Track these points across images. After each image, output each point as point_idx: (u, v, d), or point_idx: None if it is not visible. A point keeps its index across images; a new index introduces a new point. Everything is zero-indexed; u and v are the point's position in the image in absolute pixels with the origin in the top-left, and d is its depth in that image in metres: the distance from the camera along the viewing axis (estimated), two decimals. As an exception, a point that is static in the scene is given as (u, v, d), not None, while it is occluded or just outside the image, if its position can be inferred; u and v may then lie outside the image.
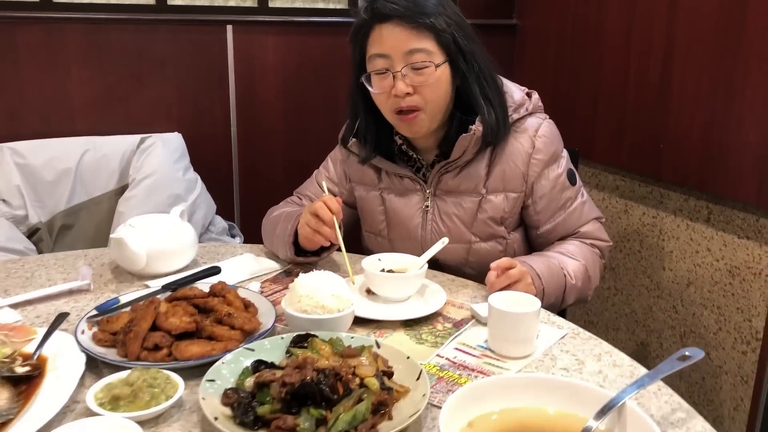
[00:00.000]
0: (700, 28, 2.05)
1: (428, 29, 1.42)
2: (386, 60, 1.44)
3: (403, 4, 1.42)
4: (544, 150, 1.53)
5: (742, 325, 2.08)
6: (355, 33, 1.51)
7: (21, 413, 0.96)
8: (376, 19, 1.44)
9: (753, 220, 2.01)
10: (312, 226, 1.43)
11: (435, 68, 1.43)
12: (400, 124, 1.49)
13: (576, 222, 1.58)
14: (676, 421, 1.01)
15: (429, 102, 1.45)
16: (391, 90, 1.44)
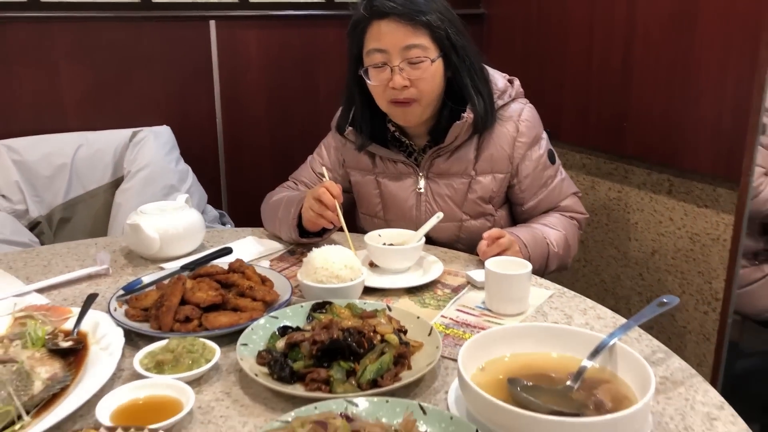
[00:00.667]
0: (658, 14, 2.19)
1: (424, 26, 1.52)
2: (384, 54, 1.53)
3: (401, 2, 1.51)
4: (527, 133, 1.66)
5: (703, 287, 2.25)
6: (353, 28, 1.59)
7: (75, 380, 1.05)
8: (375, 15, 1.53)
9: (710, 190, 2.17)
10: (316, 210, 1.53)
11: (430, 63, 1.53)
12: (396, 113, 1.60)
13: (557, 197, 1.72)
14: (657, 360, 1.16)
15: (424, 94, 1.55)
16: (389, 83, 1.54)
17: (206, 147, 2.56)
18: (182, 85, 2.48)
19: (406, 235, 1.55)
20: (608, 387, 0.98)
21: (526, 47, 2.78)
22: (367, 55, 1.57)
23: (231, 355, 1.16)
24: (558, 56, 2.62)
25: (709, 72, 2.06)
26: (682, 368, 1.13)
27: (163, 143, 2.30)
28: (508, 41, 2.88)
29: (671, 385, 1.07)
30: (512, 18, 2.85)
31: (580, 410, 0.93)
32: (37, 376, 1.00)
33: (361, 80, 1.61)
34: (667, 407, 1.01)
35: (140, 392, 0.99)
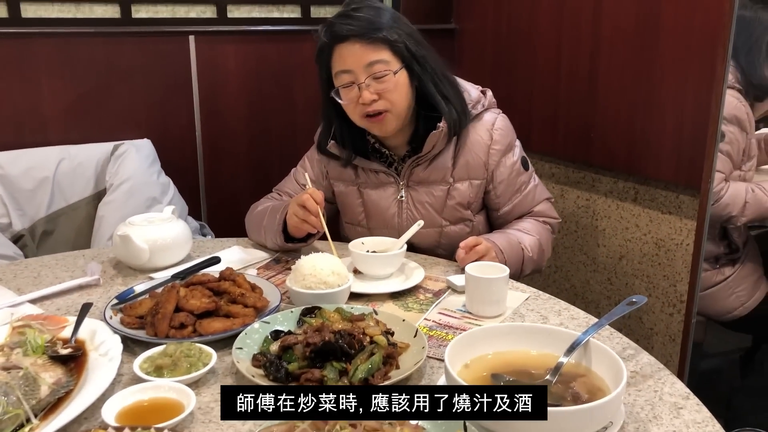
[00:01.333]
0: (622, 28, 2.30)
1: (382, 42, 1.61)
2: (350, 74, 1.62)
3: (357, 24, 1.61)
4: (501, 141, 1.75)
5: (668, 290, 2.35)
6: (318, 54, 1.69)
7: (78, 385, 1.09)
8: (335, 40, 1.63)
9: (673, 197, 2.28)
10: (300, 216, 1.59)
11: (393, 74, 1.62)
12: (371, 126, 1.68)
13: (530, 203, 1.80)
14: (627, 356, 1.24)
15: (393, 104, 1.64)
16: (359, 99, 1.63)
17: (186, 159, 2.60)
18: (162, 98, 2.51)
19: (388, 243, 1.61)
20: (584, 380, 1.06)
21: (496, 60, 2.87)
22: (335, 77, 1.66)
23: (226, 358, 1.21)
24: (527, 69, 2.71)
25: (670, 84, 2.16)
26: (651, 363, 1.21)
27: (145, 156, 2.33)
28: (478, 55, 2.97)
29: (641, 379, 1.15)
30: (482, 32, 2.94)
31: (559, 402, 1.00)
32: (43, 381, 1.04)
33: (335, 100, 1.69)
34: (638, 398, 1.09)
35: (144, 394, 1.04)
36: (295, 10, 2.74)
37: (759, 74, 2.18)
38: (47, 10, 2.31)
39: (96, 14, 2.38)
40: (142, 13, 2.45)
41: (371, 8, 1.65)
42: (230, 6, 2.61)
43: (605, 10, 2.35)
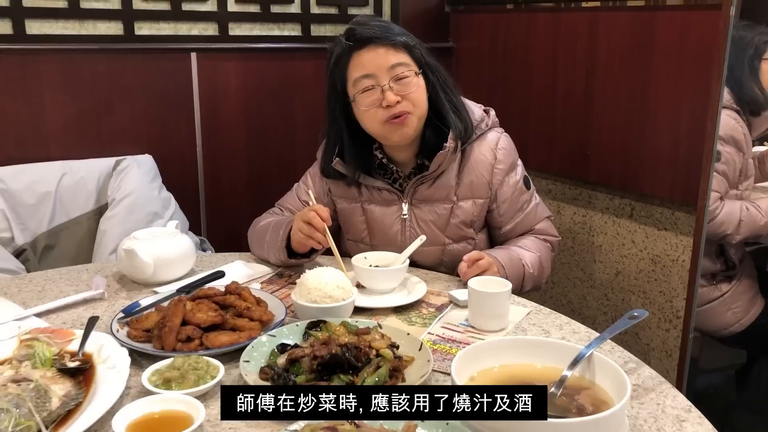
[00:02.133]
0: (617, 48, 2.34)
1: (402, 46, 1.66)
2: (372, 78, 1.64)
3: (378, 28, 1.65)
4: (504, 160, 1.78)
5: (664, 306, 2.37)
6: (336, 62, 1.70)
7: (87, 397, 1.10)
8: (357, 45, 1.65)
9: (669, 214, 2.31)
10: (305, 232, 1.61)
11: (415, 75, 1.66)
12: (392, 130, 1.67)
13: (531, 221, 1.83)
14: (629, 369, 1.26)
15: (416, 105, 1.66)
16: (381, 103, 1.63)
17: (187, 175, 2.62)
18: (164, 114, 2.54)
19: (391, 258, 1.63)
20: (588, 393, 1.07)
21: (493, 79, 2.91)
22: (354, 84, 1.67)
23: (232, 371, 1.22)
24: (524, 87, 2.75)
25: (665, 103, 2.20)
26: (652, 376, 1.23)
27: (146, 171, 2.35)
28: (475, 73, 3.00)
29: (643, 392, 1.17)
30: (479, 51, 2.98)
31: (564, 414, 1.01)
32: (54, 393, 1.05)
33: (346, 115, 1.71)
34: (641, 411, 1.11)
35: (154, 407, 1.05)
36: (296, 28, 2.78)
37: (747, 90, 2.23)
38: (51, 27, 2.33)
39: (99, 31, 2.40)
40: (145, 30, 2.48)
41: (384, 20, 1.75)
42: (232, 24, 2.64)
43: (601, 29, 2.39)
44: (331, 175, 1.81)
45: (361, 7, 2.89)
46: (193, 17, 2.56)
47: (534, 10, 2.66)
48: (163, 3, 2.50)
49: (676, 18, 2.12)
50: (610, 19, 2.35)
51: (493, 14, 2.87)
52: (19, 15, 2.27)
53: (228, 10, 2.62)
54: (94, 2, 2.39)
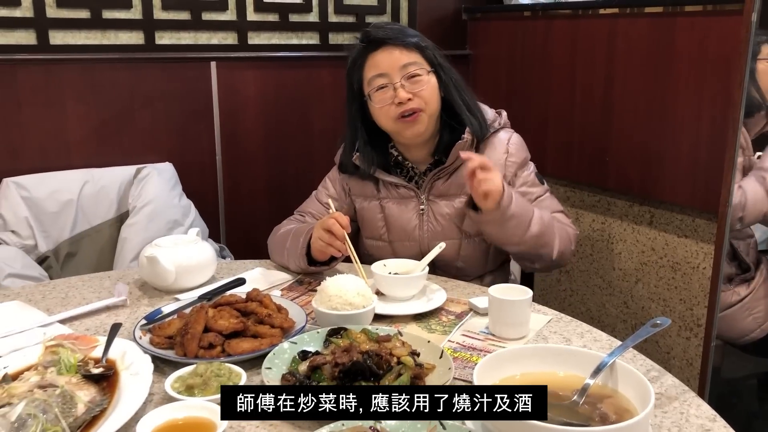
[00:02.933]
0: (636, 55, 2.33)
1: (414, 47, 1.73)
2: (385, 77, 1.71)
3: (391, 31, 1.73)
4: (516, 155, 1.83)
5: (685, 314, 2.35)
6: (352, 64, 1.78)
7: (111, 403, 1.11)
8: (371, 46, 1.73)
9: (689, 221, 2.29)
10: (325, 240, 1.62)
11: (427, 74, 1.72)
12: (404, 127, 1.73)
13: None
14: (652, 377, 1.25)
15: (427, 103, 1.72)
16: (393, 100, 1.70)
17: (206, 183, 2.64)
18: (184, 123, 2.56)
19: (410, 265, 1.63)
20: (611, 401, 1.07)
21: (510, 85, 2.91)
22: (368, 83, 1.74)
23: (254, 378, 1.23)
24: (542, 94, 2.75)
25: (685, 109, 2.19)
26: (675, 385, 1.22)
27: (167, 179, 2.37)
28: (493, 80, 3.01)
29: (666, 400, 1.16)
30: (497, 58, 2.98)
31: (587, 422, 1.01)
32: (79, 399, 1.06)
33: (363, 113, 1.78)
34: (665, 420, 1.10)
35: (178, 413, 1.05)
36: (314, 37, 2.80)
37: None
38: (74, 37, 2.37)
39: (121, 41, 2.43)
40: (165, 40, 2.51)
41: (399, 24, 1.82)
42: (251, 33, 2.67)
43: (619, 36, 2.38)
44: (348, 170, 1.87)
45: (379, 15, 2.91)
46: (213, 26, 2.59)
47: (552, 17, 2.66)
48: (183, 13, 2.53)
49: (695, 24, 2.12)
50: (628, 25, 2.35)
51: (511, 21, 2.88)
52: (43, 26, 2.31)
53: (247, 20, 2.65)
54: (116, 12, 2.42)
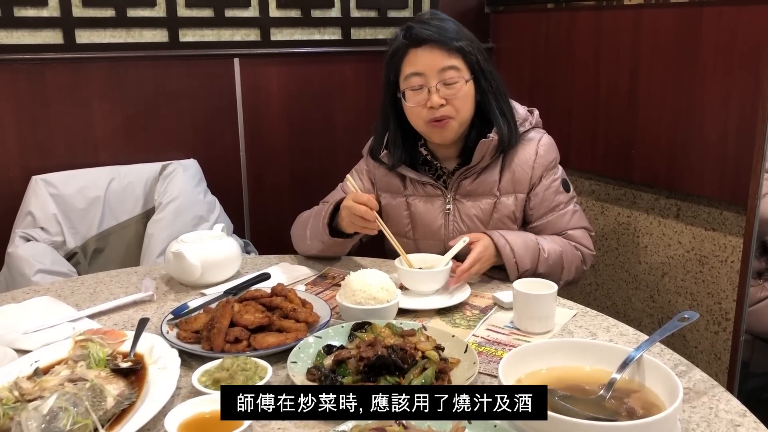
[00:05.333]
0: (662, 45, 2.30)
1: (457, 51, 1.68)
2: (421, 77, 1.67)
3: (436, 30, 1.67)
4: (545, 156, 1.79)
5: (713, 308, 2.32)
6: (391, 56, 1.74)
7: (140, 397, 1.13)
8: (412, 43, 1.69)
9: (717, 214, 2.26)
10: (359, 224, 1.63)
11: (464, 83, 1.68)
12: (433, 131, 1.71)
13: (564, 225, 1.79)
14: (679, 372, 1.23)
15: (459, 111, 1.69)
16: (426, 103, 1.67)
17: (230, 179, 2.67)
18: (208, 119, 2.59)
19: (434, 259, 1.63)
20: (638, 396, 1.06)
21: (534, 79, 2.89)
22: (405, 80, 1.70)
23: (279, 372, 1.24)
24: (566, 87, 2.73)
25: (712, 101, 2.16)
26: (704, 379, 1.20)
27: (192, 176, 2.40)
28: (516, 73, 2.99)
29: (695, 395, 1.15)
30: (520, 51, 2.96)
31: (614, 417, 1.00)
32: (108, 392, 1.08)
33: (396, 106, 1.75)
34: (693, 415, 1.09)
35: (205, 407, 1.06)
36: (336, 32, 2.80)
37: None
38: (100, 36, 2.40)
39: (145, 39, 2.46)
40: (189, 37, 2.53)
41: (448, 20, 1.73)
42: (273, 29, 2.68)
43: (645, 27, 2.35)
44: (378, 158, 1.84)
45: (401, 9, 2.90)
46: (236, 23, 2.61)
47: (575, 8, 2.63)
48: (206, 10, 2.55)
49: (723, 14, 2.08)
50: (654, 16, 2.32)
51: (534, 14, 2.85)
52: (70, 25, 2.35)
53: (270, 16, 2.66)
54: (140, 11, 2.45)
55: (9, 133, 2.31)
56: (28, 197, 2.23)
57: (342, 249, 1.80)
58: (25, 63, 2.29)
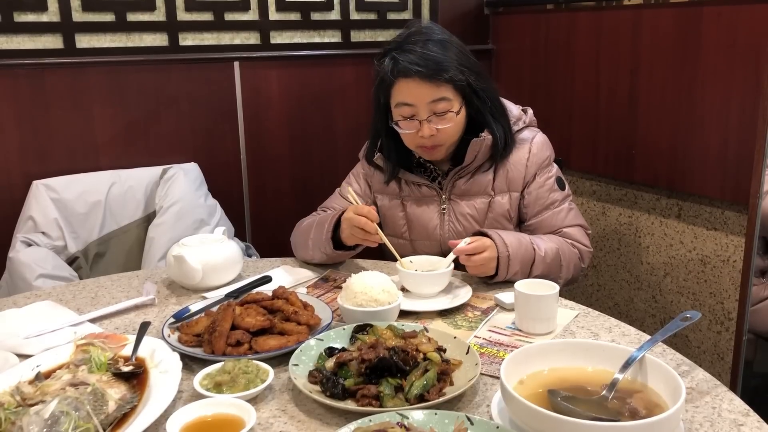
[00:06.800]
0: (662, 46, 2.30)
1: (446, 82, 1.64)
2: (412, 108, 1.66)
3: (424, 64, 1.62)
4: (539, 154, 1.79)
5: (715, 307, 2.32)
6: (380, 83, 1.71)
7: (141, 401, 1.13)
8: (400, 75, 1.65)
9: (719, 213, 2.26)
10: (360, 236, 1.63)
11: (455, 114, 1.67)
12: (423, 152, 1.75)
13: (560, 222, 1.78)
14: (682, 372, 1.23)
15: (449, 137, 1.70)
16: (417, 132, 1.67)
17: (231, 182, 2.67)
18: (208, 123, 2.59)
19: (435, 261, 1.63)
20: (641, 396, 1.06)
21: (534, 80, 2.89)
22: (395, 107, 1.70)
23: (281, 375, 1.23)
24: (566, 88, 2.73)
25: (713, 101, 2.15)
26: (707, 379, 1.20)
27: (193, 179, 2.40)
28: (516, 74, 2.99)
29: (697, 395, 1.15)
30: (520, 52, 2.96)
31: (617, 417, 1.00)
32: (110, 396, 1.08)
33: (386, 116, 1.75)
34: (696, 415, 1.09)
35: (206, 410, 1.06)
36: (336, 35, 2.80)
37: None
38: (100, 40, 2.40)
39: (145, 43, 2.46)
40: (189, 41, 2.53)
41: (437, 44, 1.65)
42: (273, 32, 2.68)
43: (644, 27, 2.35)
44: (373, 163, 1.85)
45: (401, 11, 2.90)
46: (236, 27, 2.61)
47: (575, 9, 2.64)
48: (206, 14, 2.55)
49: (723, 13, 2.08)
50: (653, 16, 2.32)
51: (533, 15, 2.86)
52: (70, 30, 2.35)
53: (269, 19, 2.66)
54: (140, 15, 2.45)
55: (10, 138, 2.31)
56: (29, 202, 2.23)
57: (344, 258, 1.81)
58: (25, 68, 2.29)
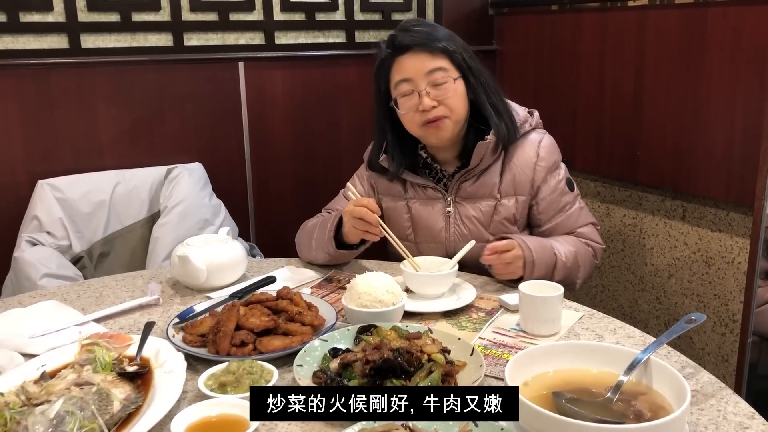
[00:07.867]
0: (667, 46, 2.29)
1: (441, 51, 1.69)
2: (410, 83, 1.69)
3: (418, 35, 1.69)
4: (547, 158, 1.79)
5: (719, 309, 2.31)
6: (378, 67, 1.76)
7: (146, 401, 1.13)
8: (397, 51, 1.70)
9: (723, 215, 2.25)
10: (361, 228, 1.64)
11: (453, 81, 1.69)
12: (428, 133, 1.72)
13: (573, 224, 1.81)
14: (687, 374, 1.23)
15: (452, 110, 1.70)
16: (418, 107, 1.68)
17: (236, 182, 2.67)
18: (213, 123, 2.59)
19: (440, 262, 1.63)
20: (645, 398, 1.05)
21: (538, 80, 2.89)
22: (395, 87, 1.72)
23: (286, 375, 1.24)
24: (570, 89, 2.72)
25: (718, 102, 2.15)
26: (712, 382, 1.20)
27: (197, 179, 2.40)
28: (520, 75, 2.98)
29: (702, 398, 1.14)
30: (524, 53, 2.96)
31: (621, 420, 1.00)
32: (114, 396, 1.08)
33: (390, 115, 1.76)
34: (701, 417, 1.08)
35: (211, 410, 1.06)
36: (340, 35, 2.81)
37: None
38: (105, 40, 2.40)
39: (150, 43, 2.46)
40: (194, 41, 2.53)
41: (428, 25, 1.75)
42: (278, 32, 2.68)
43: (649, 28, 2.35)
44: (376, 169, 1.86)
45: (405, 12, 2.91)
46: (240, 27, 2.61)
47: (579, 10, 2.63)
48: (210, 14, 2.55)
49: (728, 14, 2.07)
50: (658, 17, 2.31)
51: (538, 15, 2.85)
52: (75, 30, 2.35)
53: (274, 19, 2.66)
54: (145, 15, 2.45)
55: (15, 137, 2.31)
56: (34, 202, 2.24)
57: (347, 259, 1.81)
58: (30, 68, 2.30)
